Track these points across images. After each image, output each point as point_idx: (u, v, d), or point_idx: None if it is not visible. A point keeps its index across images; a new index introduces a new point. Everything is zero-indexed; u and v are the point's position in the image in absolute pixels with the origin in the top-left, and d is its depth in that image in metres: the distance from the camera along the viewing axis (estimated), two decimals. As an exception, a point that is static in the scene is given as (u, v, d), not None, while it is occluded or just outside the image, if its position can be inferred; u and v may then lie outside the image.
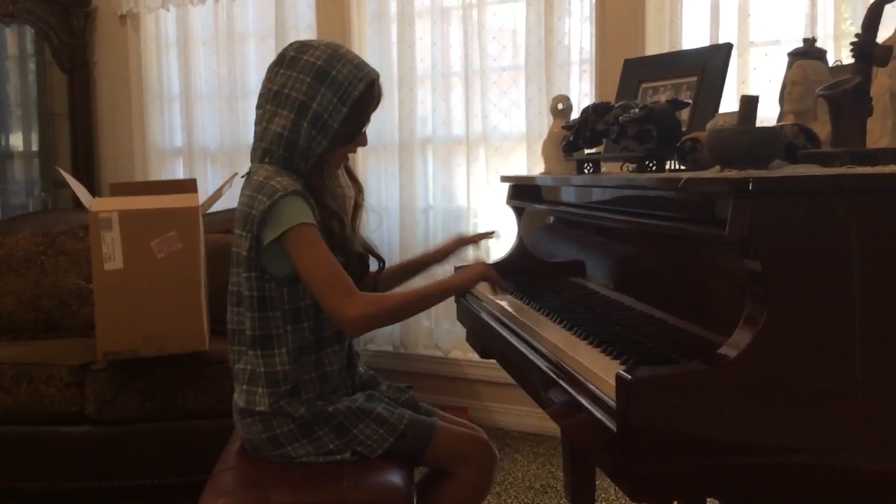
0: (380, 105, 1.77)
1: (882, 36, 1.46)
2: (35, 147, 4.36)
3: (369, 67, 1.72)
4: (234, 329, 1.71)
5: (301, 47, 1.69)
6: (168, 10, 4.01)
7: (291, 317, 1.66)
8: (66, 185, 3.69)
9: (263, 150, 1.67)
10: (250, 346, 1.67)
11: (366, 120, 1.74)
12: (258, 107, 1.71)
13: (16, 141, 4.34)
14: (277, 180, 1.59)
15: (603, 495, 2.71)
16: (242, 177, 1.72)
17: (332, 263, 1.59)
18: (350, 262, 1.71)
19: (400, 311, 1.69)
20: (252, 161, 1.71)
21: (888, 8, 1.44)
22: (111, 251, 2.43)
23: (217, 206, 3.10)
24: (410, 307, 1.71)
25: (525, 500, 2.75)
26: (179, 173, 4.08)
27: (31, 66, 4.38)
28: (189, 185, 2.83)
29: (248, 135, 3.84)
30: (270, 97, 1.67)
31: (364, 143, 1.78)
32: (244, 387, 1.69)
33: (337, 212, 1.70)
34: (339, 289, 1.58)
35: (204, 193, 3.23)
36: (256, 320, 1.65)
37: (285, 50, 1.70)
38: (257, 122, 1.70)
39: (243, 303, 1.67)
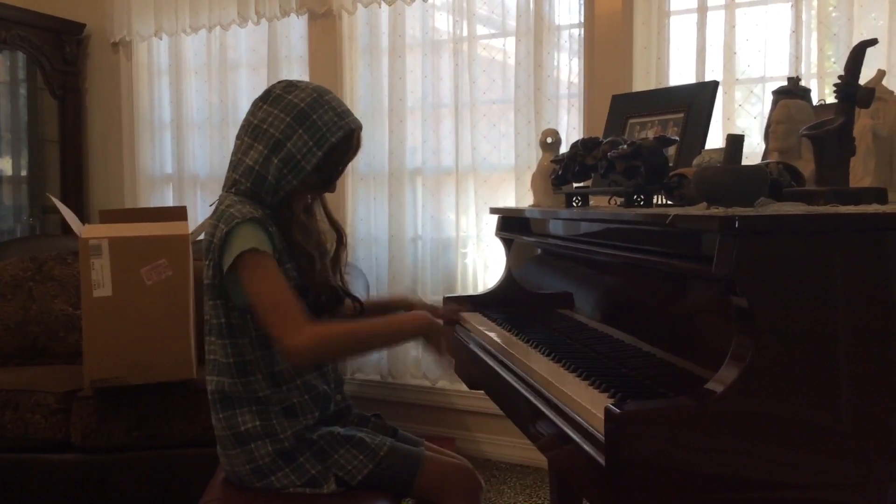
0: (362, 145, 1.78)
1: (864, 77, 1.50)
2: (24, 172, 4.36)
3: (352, 117, 1.73)
4: (208, 359, 1.72)
5: (288, 87, 1.71)
6: (161, 39, 4.04)
7: (260, 343, 1.65)
8: (54, 210, 3.70)
9: (234, 180, 1.69)
10: (228, 374, 1.66)
11: (339, 167, 1.75)
12: (237, 137, 1.73)
13: (5, 166, 4.34)
14: (237, 208, 1.61)
15: (589, 527, 2.70)
16: (211, 205, 1.74)
17: (278, 290, 1.57)
18: (319, 300, 1.72)
19: (346, 347, 1.67)
20: (222, 190, 1.73)
21: (870, 50, 1.48)
22: (100, 278, 2.43)
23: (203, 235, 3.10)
24: (357, 345, 1.70)
25: (511, 532, 2.74)
26: (169, 200, 4.08)
27: (23, 91, 4.39)
28: (179, 213, 2.84)
29: (239, 163, 3.86)
30: (249, 130, 1.69)
31: (332, 190, 1.79)
32: (225, 414, 1.68)
33: (306, 248, 1.69)
34: (282, 316, 1.55)
35: (193, 221, 3.25)
36: (228, 346, 1.65)
37: (273, 87, 1.73)
38: (233, 153, 1.72)
39: (213, 331, 1.68)
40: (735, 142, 1.36)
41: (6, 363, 2.98)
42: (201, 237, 3.03)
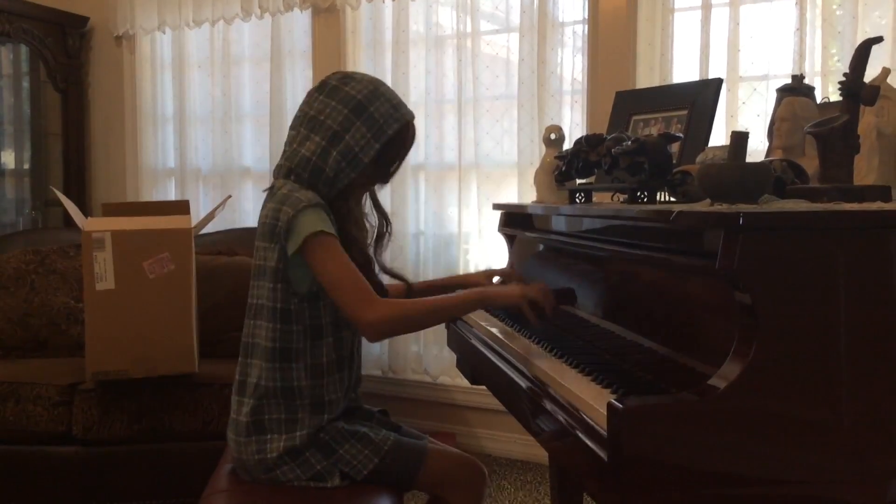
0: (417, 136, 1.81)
1: (869, 75, 1.49)
2: (27, 165, 4.36)
3: (406, 108, 1.75)
4: (248, 342, 1.72)
5: (344, 78, 1.72)
6: (164, 33, 4.03)
7: (312, 333, 1.67)
8: (56, 203, 3.70)
9: (289, 169, 1.69)
10: (268, 359, 1.67)
11: (396, 159, 1.77)
12: (291, 127, 1.74)
13: (7, 159, 4.34)
14: (302, 193, 1.63)
15: (589, 524, 2.71)
16: (265, 191, 1.75)
17: (350, 270, 1.61)
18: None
19: (422, 317, 1.70)
20: (275, 177, 1.74)
21: (875, 48, 1.48)
22: (103, 271, 2.43)
23: (209, 228, 3.11)
24: (433, 315, 1.72)
25: (511, 528, 2.75)
26: (171, 194, 4.08)
27: (25, 84, 4.39)
28: (182, 207, 2.84)
29: (241, 157, 3.86)
30: (305, 121, 1.70)
31: (386, 181, 1.81)
32: (252, 400, 1.68)
33: (358, 240, 1.72)
34: (357, 294, 1.60)
35: (196, 215, 3.25)
36: (278, 332, 1.66)
37: (328, 78, 1.73)
38: (288, 143, 1.73)
39: (262, 314, 1.68)
40: (739, 139, 1.36)
41: (8, 355, 2.99)
42: (206, 230, 3.07)
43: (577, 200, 1.99)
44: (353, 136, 1.66)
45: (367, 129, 1.67)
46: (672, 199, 1.70)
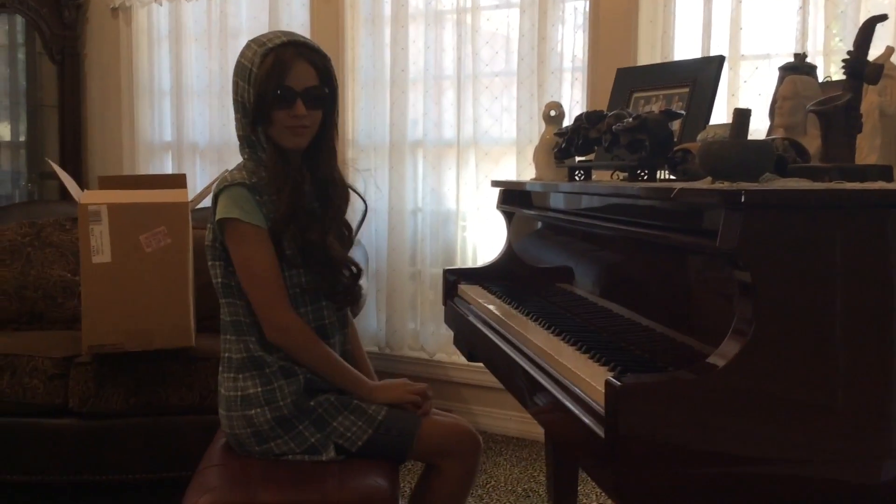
0: (290, 73, 1.68)
1: (872, 54, 1.48)
2: (23, 137, 4.34)
3: (274, 42, 1.68)
4: (221, 320, 1.77)
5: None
6: (161, 5, 4.00)
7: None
8: (52, 176, 3.68)
9: (241, 151, 1.79)
10: (229, 332, 1.73)
11: (276, 88, 1.66)
12: None
13: (3, 131, 4.32)
14: (233, 173, 1.71)
15: (584, 501, 2.72)
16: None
17: (264, 266, 1.65)
18: (322, 269, 1.73)
19: (315, 360, 1.71)
20: None
21: (879, 27, 1.46)
22: (99, 244, 2.42)
23: (206, 202, 3.09)
24: (320, 362, 1.71)
25: (506, 504, 2.76)
26: (168, 168, 4.07)
27: (21, 55, 4.35)
28: (178, 181, 2.82)
29: (238, 131, 3.84)
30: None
31: (294, 111, 1.69)
32: (231, 374, 1.72)
33: (296, 203, 1.67)
34: (267, 291, 1.66)
35: (192, 189, 3.23)
36: (226, 306, 1.73)
37: None
38: None
39: (218, 292, 1.75)
40: (742, 116, 1.35)
41: (3, 328, 2.98)
42: (201, 205, 3.05)
43: (577, 178, 1.98)
44: (239, 93, 1.73)
45: (243, 80, 1.71)
46: (672, 177, 1.69)
